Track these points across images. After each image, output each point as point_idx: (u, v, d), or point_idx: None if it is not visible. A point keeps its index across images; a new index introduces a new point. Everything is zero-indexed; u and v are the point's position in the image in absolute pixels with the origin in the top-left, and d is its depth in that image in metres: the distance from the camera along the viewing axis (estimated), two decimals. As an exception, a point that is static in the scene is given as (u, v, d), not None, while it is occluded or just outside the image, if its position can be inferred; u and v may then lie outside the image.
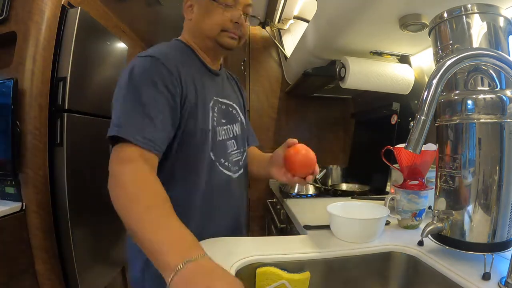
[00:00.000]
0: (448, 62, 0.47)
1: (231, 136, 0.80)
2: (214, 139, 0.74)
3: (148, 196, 0.54)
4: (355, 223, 0.68)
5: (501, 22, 0.55)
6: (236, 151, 0.81)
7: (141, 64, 0.66)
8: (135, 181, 0.55)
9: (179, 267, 0.41)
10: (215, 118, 0.75)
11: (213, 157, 0.73)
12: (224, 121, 0.78)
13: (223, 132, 0.77)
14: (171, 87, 0.65)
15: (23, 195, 1.29)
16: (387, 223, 0.83)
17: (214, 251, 0.63)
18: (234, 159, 0.80)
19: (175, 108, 0.66)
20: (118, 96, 0.64)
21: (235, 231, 0.79)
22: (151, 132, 0.60)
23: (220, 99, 0.78)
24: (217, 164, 0.75)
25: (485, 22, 0.55)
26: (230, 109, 0.82)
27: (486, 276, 0.50)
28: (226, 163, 0.77)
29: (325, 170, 1.57)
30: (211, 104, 0.74)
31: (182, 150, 0.69)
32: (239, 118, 0.85)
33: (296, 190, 1.35)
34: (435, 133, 0.61)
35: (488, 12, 0.55)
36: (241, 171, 0.83)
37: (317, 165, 0.78)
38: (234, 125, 0.82)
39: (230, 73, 0.93)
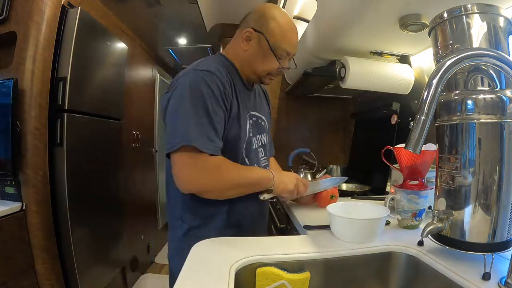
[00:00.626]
0: (448, 62, 0.47)
1: (260, 144, 0.91)
2: (249, 147, 0.85)
3: (234, 167, 0.77)
4: (355, 223, 0.68)
5: (501, 22, 0.55)
6: (264, 158, 0.93)
7: (201, 78, 0.73)
8: (232, 164, 0.77)
9: (274, 176, 0.81)
10: (251, 130, 0.86)
11: (248, 163, 0.84)
12: (256, 132, 0.89)
13: (256, 141, 0.88)
14: (226, 101, 0.76)
15: (23, 195, 1.29)
16: (387, 223, 0.83)
17: (214, 251, 0.63)
18: (263, 165, 0.91)
19: (226, 119, 0.77)
20: (184, 107, 0.72)
21: (258, 223, 0.91)
22: (216, 140, 0.73)
23: (252, 112, 0.88)
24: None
25: (485, 22, 0.55)
26: (260, 121, 0.92)
27: (486, 276, 0.50)
28: (261, 166, 0.90)
29: (325, 170, 1.57)
30: (247, 116, 0.85)
31: (227, 155, 0.78)
32: (267, 128, 0.96)
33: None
34: (435, 133, 0.61)
35: (488, 12, 0.55)
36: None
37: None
38: (262, 135, 0.93)
39: (261, 86, 1.02)
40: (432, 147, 0.77)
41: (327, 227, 0.80)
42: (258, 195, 0.82)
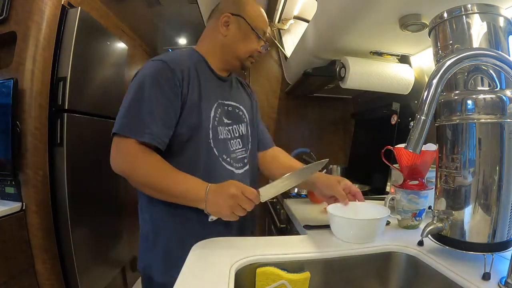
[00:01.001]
0: (448, 62, 0.47)
1: (237, 135, 0.88)
2: (216, 136, 0.81)
3: (161, 167, 0.72)
4: (355, 224, 0.68)
5: (501, 22, 0.55)
6: (241, 149, 0.88)
7: (151, 68, 0.75)
8: (159, 161, 0.73)
9: (206, 191, 0.68)
10: (216, 118, 0.82)
11: (216, 153, 0.80)
12: (229, 121, 0.86)
13: (225, 132, 0.84)
14: (175, 88, 0.74)
15: (23, 195, 1.29)
16: (387, 223, 0.83)
17: (214, 251, 0.63)
18: (238, 157, 0.87)
19: (177, 106, 0.75)
20: (127, 96, 0.74)
21: (239, 224, 0.80)
22: (152, 128, 0.71)
23: (225, 102, 0.86)
24: (221, 160, 0.82)
25: (485, 22, 0.55)
26: (237, 111, 0.90)
27: (486, 276, 0.50)
28: (230, 160, 0.84)
29: (325, 170, 1.57)
30: (214, 105, 0.82)
31: (187, 146, 0.77)
32: (245, 119, 0.92)
33: (296, 190, 1.35)
34: (435, 133, 0.61)
35: (488, 12, 0.55)
36: (246, 167, 0.89)
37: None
38: (240, 125, 0.89)
39: (240, 80, 1.01)
40: (432, 147, 0.77)
41: (327, 227, 0.80)
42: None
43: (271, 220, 1.51)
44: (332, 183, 0.81)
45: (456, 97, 0.56)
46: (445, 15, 0.58)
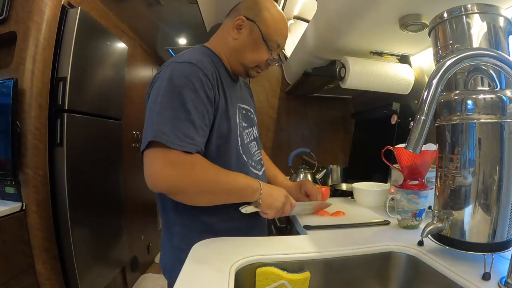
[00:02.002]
0: (448, 62, 0.47)
1: (252, 138, 0.87)
2: (243, 141, 0.80)
3: (213, 168, 0.70)
4: (370, 193, 1.04)
5: (501, 22, 0.55)
6: (257, 152, 0.89)
7: (180, 70, 0.68)
8: (209, 165, 0.70)
9: (261, 188, 0.73)
10: (241, 123, 0.81)
11: (245, 159, 0.80)
12: (246, 125, 0.85)
13: (246, 135, 0.84)
14: (209, 92, 0.70)
15: (23, 195, 1.29)
16: (387, 223, 0.84)
17: (215, 251, 0.63)
18: (257, 159, 0.87)
19: (211, 112, 0.71)
20: (160, 101, 0.66)
21: (257, 224, 0.84)
22: (194, 137, 0.66)
23: (241, 105, 0.84)
24: (248, 164, 0.81)
25: (485, 22, 0.55)
26: (249, 114, 0.88)
27: (486, 276, 0.50)
28: (254, 163, 0.84)
29: (325, 170, 1.57)
30: (237, 110, 0.81)
31: (219, 154, 0.74)
32: (255, 121, 0.93)
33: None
34: (435, 133, 0.61)
35: (488, 12, 0.55)
36: (263, 168, 0.91)
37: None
38: (253, 128, 0.89)
39: (243, 79, 0.98)
40: (432, 147, 0.77)
41: (327, 227, 0.80)
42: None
43: (271, 220, 1.51)
44: (294, 195, 0.92)
45: (456, 97, 0.56)
46: (445, 15, 0.58)
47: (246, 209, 0.74)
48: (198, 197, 0.70)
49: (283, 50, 1.88)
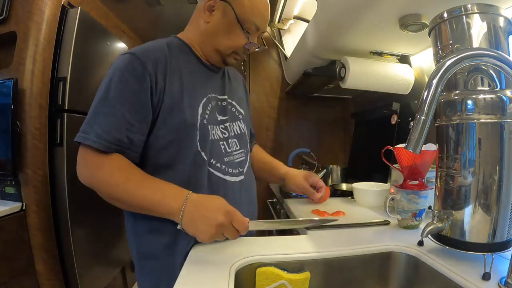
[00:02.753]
0: (448, 62, 0.47)
1: (232, 134, 0.77)
2: (205, 138, 0.69)
3: (134, 175, 0.63)
4: (370, 193, 1.05)
5: (501, 22, 0.55)
6: (239, 151, 0.77)
7: (117, 63, 0.65)
8: (120, 169, 0.62)
9: (183, 204, 0.59)
10: (206, 116, 0.70)
11: (204, 157, 0.68)
12: (223, 118, 0.76)
13: (219, 131, 0.74)
14: (145, 84, 0.63)
15: (23, 195, 1.29)
16: (387, 223, 0.84)
17: (214, 251, 0.63)
18: (236, 160, 0.76)
19: (149, 105, 0.64)
20: (95, 97, 0.64)
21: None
22: (115, 134, 0.61)
23: (216, 95, 0.76)
24: (209, 164, 0.70)
25: (485, 22, 0.55)
26: (230, 107, 0.79)
27: (486, 276, 0.50)
28: (219, 165, 0.71)
29: (325, 170, 1.57)
30: (203, 100, 0.71)
31: (168, 151, 0.66)
32: (240, 116, 0.83)
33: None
34: (435, 133, 0.61)
35: (488, 12, 0.55)
36: (244, 174, 0.77)
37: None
38: (234, 123, 0.79)
39: (235, 71, 0.91)
40: (432, 147, 0.77)
41: (327, 227, 0.80)
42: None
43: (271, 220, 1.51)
44: (300, 183, 0.88)
45: (456, 97, 0.56)
46: (445, 15, 0.58)
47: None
48: (111, 201, 0.64)
49: (283, 51, 1.88)
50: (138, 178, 0.63)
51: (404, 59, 1.22)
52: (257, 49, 0.76)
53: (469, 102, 0.54)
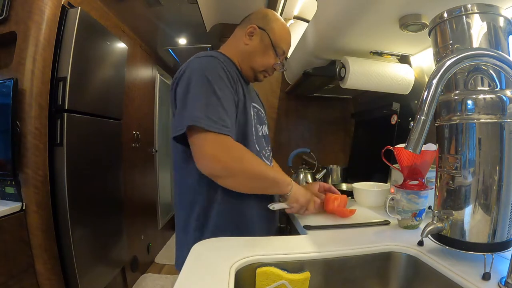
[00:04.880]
0: (448, 62, 0.47)
1: (263, 134, 0.93)
2: (257, 134, 0.87)
3: (256, 157, 0.77)
4: (370, 193, 1.06)
5: (501, 22, 0.55)
6: (267, 148, 0.95)
7: (205, 62, 0.75)
8: (249, 151, 0.76)
9: (292, 183, 0.81)
10: (255, 117, 0.87)
11: (258, 149, 0.86)
12: (259, 121, 0.91)
13: (260, 130, 0.91)
14: (232, 84, 0.77)
15: (23, 195, 1.29)
16: (387, 223, 0.84)
17: (214, 251, 0.63)
18: (267, 154, 0.93)
19: (235, 101, 0.77)
20: (191, 90, 0.71)
21: (269, 216, 0.88)
22: (228, 122, 0.71)
23: (253, 104, 0.90)
24: (261, 155, 0.87)
25: (485, 22, 0.55)
26: (260, 113, 0.95)
27: (486, 276, 0.50)
28: (266, 155, 0.91)
29: (325, 170, 1.57)
30: (251, 106, 0.87)
31: (238, 140, 0.77)
32: (265, 121, 0.99)
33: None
34: (435, 133, 0.61)
35: (488, 12, 0.55)
36: (272, 164, 0.97)
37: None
38: (263, 126, 0.95)
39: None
40: (432, 147, 0.77)
41: (327, 227, 0.80)
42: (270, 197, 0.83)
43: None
44: (308, 198, 0.91)
45: (456, 97, 0.56)
46: (445, 15, 0.58)
47: (274, 206, 0.81)
48: (248, 182, 0.75)
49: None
50: (261, 160, 0.79)
51: (404, 59, 1.22)
52: (281, 70, 0.94)
53: (469, 102, 0.54)
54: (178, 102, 0.74)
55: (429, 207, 0.79)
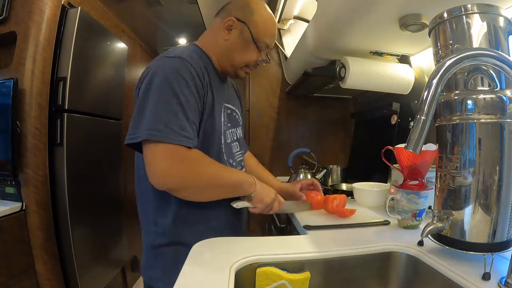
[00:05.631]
0: (448, 62, 0.47)
1: (235, 138, 0.87)
2: (225, 141, 0.81)
3: (213, 163, 0.73)
4: (370, 193, 1.06)
5: (501, 22, 0.55)
6: (239, 153, 0.89)
7: (171, 65, 0.68)
8: (204, 160, 0.71)
9: (256, 183, 0.77)
10: (225, 122, 0.81)
11: (225, 158, 0.80)
12: (229, 125, 0.85)
13: (230, 135, 0.84)
14: (198, 88, 0.70)
15: (23, 195, 1.29)
16: (387, 223, 0.84)
17: (215, 251, 0.63)
18: (237, 159, 0.87)
19: (200, 109, 0.72)
20: (152, 95, 0.66)
21: (235, 226, 0.86)
22: (190, 131, 0.67)
23: (226, 105, 0.84)
24: (228, 164, 0.82)
25: (485, 22, 0.55)
26: (234, 114, 0.88)
27: (486, 276, 0.50)
28: (234, 163, 0.85)
29: (325, 170, 1.57)
30: (222, 109, 0.81)
31: (202, 149, 0.73)
32: (240, 122, 0.93)
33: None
34: (435, 133, 0.61)
35: (488, 12, 0.55)
36: (243, 170, 0.91)
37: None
38: (237, 128, 0.89)
39: (231, 80, 0.98)
40: (432, 147, 0.77)
41: (327, 227, 0.80)
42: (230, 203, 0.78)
43: (271, 220, 1.51)
44: (292, 192, 0.96)
45: (456, 97, 0.56)
46: (445, 15, 0.58)
47: (238, 204, 0.77)
48: (203, 192, 0.71)
49: (283, 51, 1.88)
50: (221, 166, 0.75)
51: (404, 59, 1.22)
52: (264, 64, 0.87)
53: (469, 102, 0.54)
54: (136, 105, 0.68)
55: (429, 207, 0.79)
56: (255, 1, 0.82)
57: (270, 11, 0.84)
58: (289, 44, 1.90)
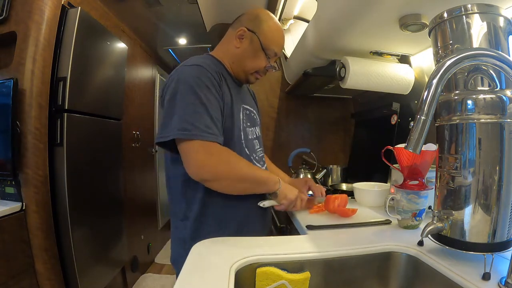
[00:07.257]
0: (448, 62, 0.47)
1: (255, 136, 0.94)
2: (246, 137, 0.88)
3: (242, 159, 0.80)
4: (370, 193, 1.06)
5: (501, 22, 0.55)
6: (259, 149, 0.96)
7: (191, 72, 0.77)
8: (235, 155, 0.79)
9: (280, 181, 0.84)
10: (244, 120, 0.89)
11: (247, 152, 0.87)
12: (249, 123, 0.92)
13: (250, 133, 0.91)
14: (218, 89, 0.78)
15: (23, 195, 1.29)
16: (388, 222, 0.84)
17: (214, 251, 0.63)
18: (260, 155, 0.94)
19: (222, 107, 0.80)
20: (178, 99, 0.74)
21: (262, 226, 0.92)
22: (214, 129, 0.74)
23: (244, 106, 0.92)
24: (252, 158, 0.89)
25: (485, 22, 0.55)
26: (252, 114, 0.96)
27: (486, 276, 0.50)
28: (257, 158, 0.92)
29: (325, 170, 1.57)
30: (241, 109, 0.89)
31: (225, 145, 0.79)
32: (258, 122, 1.00)
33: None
34: (435, 133, 0.61)
35: (488, 12, 0.55)
36: (265, 165, 0.98)
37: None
38: (256, 127, 0.97)
39: (247, 86, 1.07)
40: (432, 147, 0.77)
41: (327, 227, 0.80)
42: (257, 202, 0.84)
43: (271, 220, 1.51)
44: (300, 188, 0.96)
45: (456, 97, 0.56)
46: (445, 15, 0.58)
47: (264, 204, 0.83)
48: (236, 185, 0.78)
49: (283, 51, 1.88)
50: (248, 162, 0.82)
51: (404, 59, 1.22)
52: (274, 70, 0.95)
53: (469, 102, 0.54)
54: (164, 111, 0.77)
55: (429, 207, 0.79)
56: (265, 13, 0.90)
57: (279, 23, 0.92)
58: (289, 44, 1.90)
